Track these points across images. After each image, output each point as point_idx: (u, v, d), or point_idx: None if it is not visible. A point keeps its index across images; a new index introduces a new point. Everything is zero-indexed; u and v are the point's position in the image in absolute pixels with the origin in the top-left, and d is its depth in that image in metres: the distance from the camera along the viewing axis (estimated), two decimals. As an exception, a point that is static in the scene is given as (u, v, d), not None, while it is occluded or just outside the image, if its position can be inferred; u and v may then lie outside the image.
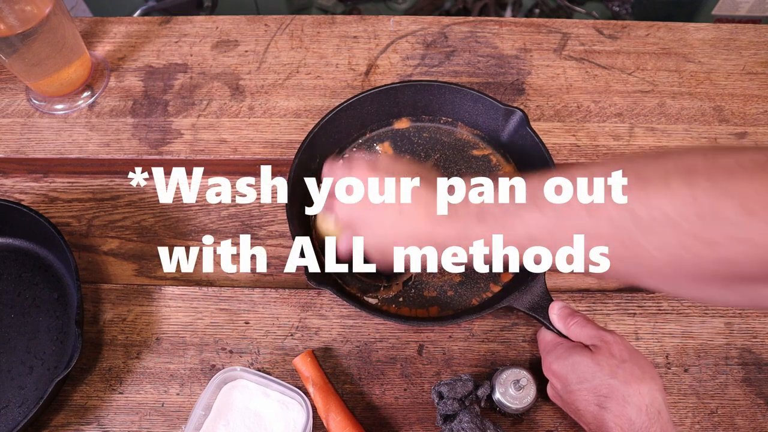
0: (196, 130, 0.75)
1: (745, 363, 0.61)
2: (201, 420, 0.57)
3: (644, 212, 0.36)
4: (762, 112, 0.75)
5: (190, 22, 0.84)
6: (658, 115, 0.75)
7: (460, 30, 0.82)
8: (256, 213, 0.71)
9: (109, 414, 0.60)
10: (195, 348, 0.62)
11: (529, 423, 0.59)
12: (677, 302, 0.63)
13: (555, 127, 0.74)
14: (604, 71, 0.79)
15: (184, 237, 0.69)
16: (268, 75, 0.79)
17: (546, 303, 0.57)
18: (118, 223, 0.70)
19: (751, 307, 0.62)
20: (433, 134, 0.72)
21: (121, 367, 0.62)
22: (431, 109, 0.71)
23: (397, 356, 0.62)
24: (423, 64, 0.80)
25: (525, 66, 0.79)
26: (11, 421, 0.59)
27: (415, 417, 0.59)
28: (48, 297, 0.65)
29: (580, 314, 0.55)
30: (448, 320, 0.62)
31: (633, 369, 0.49)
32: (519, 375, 0.56)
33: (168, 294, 0.65)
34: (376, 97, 0.69)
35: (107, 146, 0.74)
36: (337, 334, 0.63)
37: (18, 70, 0.72)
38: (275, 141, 0.74)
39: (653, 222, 0.36)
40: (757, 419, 0.58)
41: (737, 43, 0.81)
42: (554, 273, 0.66)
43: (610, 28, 0.82)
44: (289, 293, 0.65)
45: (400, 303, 0.63)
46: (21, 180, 0.73)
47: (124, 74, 0.80)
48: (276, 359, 0.62)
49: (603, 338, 0.52)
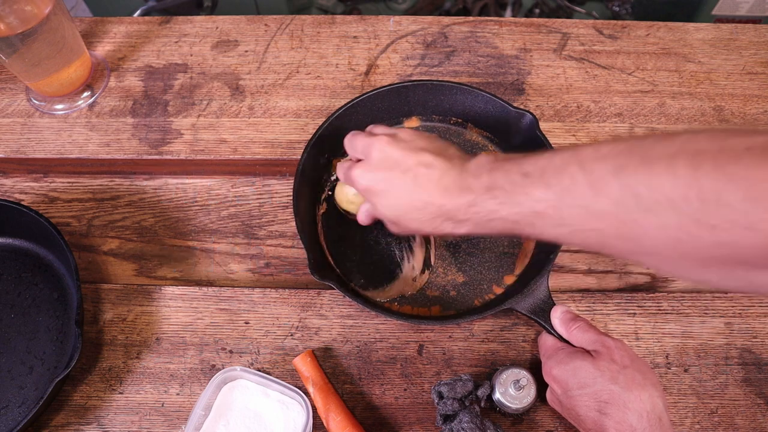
0: (196, 130, 0.75)
1: (745, 363, 0.61)
2: (201, 420, 0.57)
3: (646, 193, 0.36)
4: (762, 112, 0.75)
5: (190, 22, 0.84)
6: (658, 115, 0.75)
7: (460, 30, 0.82)
8: (256, 213, 0.71)
9: (109, 414, 0.60)
10: (195, 348, 0.62)
11: (529, 423, 0.59)
12: (677, 302, 0.64)
13: (555, 127, 0.74)
14: (604, 71, 0.79)
15: (184, 237, 0.69)
16: (268, 75, 0.79)
17: (548, 307, 0.57)
18: (118, 223, 0.70)
19: (750, 293, 0.62)
20: (442, 134, 0.72)
21: (121, 367, 0.62)
22: (441, 109, 0.71)
23: (397, 356, 0.62)
24: (423, 64, 0.80)
25: (525, 66, 0.79)
26: (11, 421, 0.59)
27: (415, 417, 0.59)
28: (48, 297, 0.65)
29: (583, 319, 0.55)
30: (448, 320, 0.62)
31: (634, 375, 0.49)
32: (519, 375, 0.56)
33: (168, 294, 0.65)
34: (387, 95, 0.69)
35: (107, 146, 0.74)
36: (337, 334, 0.63)
37: (18, 70, 0.72)
38: (275, 141, 0.74)
39: (654, 203, 0.36)
40: (757, 419, 0.58)
41: (737, 43, 0.81)
42: (554, 273, 0.66)
43: (610, 28, 0.82)
44: (289, 293, 0.65)
45: (402, 301, 0.63)
46: (21, 180, 0.73)
47: (124, 74, 0.80)
48: (276, 359, 0.62)
49: (604, 343, 0.52)
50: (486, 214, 0.46)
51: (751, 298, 0.64)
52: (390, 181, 0.50)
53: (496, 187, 0.45)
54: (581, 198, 0.40)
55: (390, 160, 0.50)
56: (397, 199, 0.50)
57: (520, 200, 0.43)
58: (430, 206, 0.48)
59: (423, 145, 0.50)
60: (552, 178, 0.41)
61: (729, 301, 0.64)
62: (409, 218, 0.50)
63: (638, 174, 0.37)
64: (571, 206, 0.40)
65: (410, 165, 0.49)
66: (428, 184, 0.48)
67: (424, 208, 0.49)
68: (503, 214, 0.44)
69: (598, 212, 0.39)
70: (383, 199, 0.51)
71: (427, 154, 0.49)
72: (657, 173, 0.36)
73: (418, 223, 0.50)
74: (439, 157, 0.49)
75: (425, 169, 0.49)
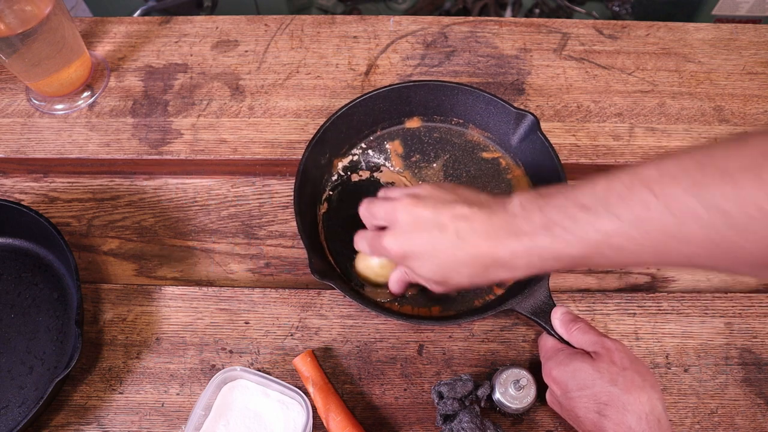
0: (196, 130, 0.75)
1: (745, 363, 0.61)
2: (201, 420, 0.57)
3: (736, 209, 0.34)
4: (762, 112, 0.75)
5: (190, 22, 0.84)
6: (658, 115, 0.75)
7: (460, 30, 0.82)
8: (256, 213, 0.71)
9: (109, 414, 0.60)
10: (195, 348, 0.62)
11: (529, 423, 0.59)
12: (677, 302, 0.64)
13: (555, 127, 0.74)
14: (604, 71, 0.79)
15: (184, 237, 0.69)
16: (268, 75, 0.79)
17: (548, 308, 0.57)
18: (118, 223, 0.70)
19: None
20: (443, 135, 0.72)
21: (121, 367, 0.62)
22: (443, 109, 0.71)
23: (397, 356, 0.62)
24: (423, 64, 0.80)
25: (525, 66, 0.79)
26: (11, 421, 0.59)
27: (415, 417, 0.59)
28: (48, 297, 0.65)
29: (583, 320, 0.55)
30: (448, 320, 0.62)
31: (633, 377, 0.49)
32: (519, 375, 0.56)
33: (168, 294, 0.65)
34: (389, 96, 0.69)
35: (107, 146, 0.74)
36: (337, 334, 0.63)
37: (18, 70, 0.72)
38: (275, 141, 0.74)
39: (748, 219, 0.34)
40: (757, 419, 0.58)
41: (737, 43, 0.81)
42: (554, 273, 0.66)
43: (610, 28, 0.82)
44: (289, 293, 0.65)
45: (403, 301, 0.63)
46: (21, 180, 0.73)
47: (124, 74, 0.80)
48: (276, 359, 0.62)
49: (604, 345, 0.52)
50: (547, 254, 0.43)
51: (751, 298, 0.64)
52: (429, 242, 0.47)
53: (554, 225, 0.42)
54: (660, 224, 0.37)
55: (421, 220, 0.48)
56: (441, 259, 0.48)
57: (586, 234, 0.41)
58: (481, 258, 0.46)
59: (451, 198, 0.48)
60: (618, 207, 0.39)
61: (729, 301, 0.64)
62: (457, 275, 0.48)
63: (722, 190, 0.34)
64: (650, 234, 0.38)
65: (446, 221, 0.47)
66: (473, 236, 0.46)
67: (473, 262, 0.46)
68: (569, 251, 0.42)
69: (685, 237, 0.37)
70: (425, 262, 0.48)
71: (459, 206, 0.47)
72: (743, 186, 0.34)
73: (468, 278, 0.48)
74: (474, 207, 0.47)
75: (465, 221, 0.46)
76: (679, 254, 0.38)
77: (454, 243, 0.46)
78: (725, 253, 0.36)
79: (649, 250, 0.39)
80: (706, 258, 0.37)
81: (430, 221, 0.48)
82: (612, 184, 0.40)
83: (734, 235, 0.35)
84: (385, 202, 0.51)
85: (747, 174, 0.34)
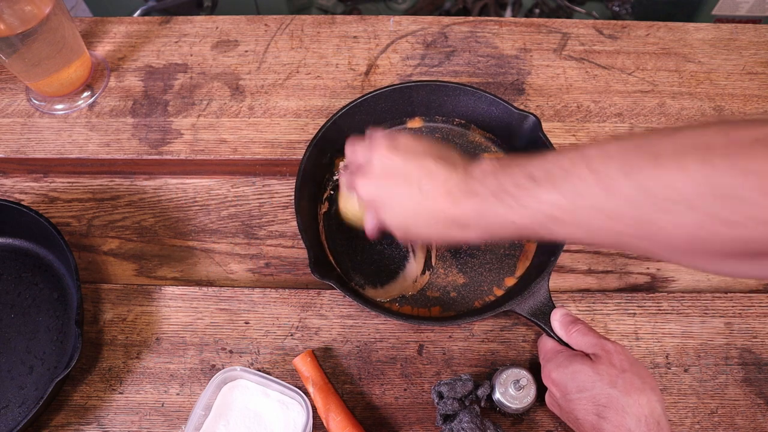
0: (196, 130, 0.75)
1: (745, 363, 0.61)
2: (201, 420, 0.57)
3: (660, 191, 0.36)
4: (762, 112, 0.75)
5: (190, 22, 0.84)
6: (658, 115, 0.75)
7: (460, 30, 0.82)
8: (256, 213, 0.71)
9: (109, 414, 0.60)
10: (195, 348, 0.62)
11: (529, 423, 0.59)
12: (677, 302, 0.64)
13: (555, 127, 0.74)
14: (604, 71, 0.78)
15: (184, 237, 0.69)
16: (268, 75, 0.79)
17: (548, 309, 0.57)
18: (118, 223, 0.70)
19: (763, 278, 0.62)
20: (445, 135, 0.72)
21: (121, 367, 0.62)
22: (445, 109, 0.71)
23: (397, 356, 0.62)
24: (423, 64, 0.80)
25: (525, 66, 0.79)
26: (11, 421, 0.59)
27: (415, 417, 0.59)
28: (48, 297, 0.65)
29: (582, 322, 0.55)
30: (448, 321, 0.62)
31: (633, 379, 0.49)
32: (519, 375, 0.56)
33: (168, 294, 0.65)
34: (390, 96, 0.69)
35: (107, 146, 0.74)
36: (337, 334, 0.63)
37: (18, 70, 0.72)
38: (275, 141, 0.74)
39: (669, 202, 0.35)
40: (757, 419, 0.58)
41: (737, 43, 0.81)
42: (554, 273, 0.66)
43: (610, 28, 0.82)
44: (289, 293, 0.65)
45: (403, 301, 0.63)
46: (21, 180, 0.73)
47: (124, 74, 0.80)
48: (276, 359, 0.62)
49: (604, 347, 0.52)
50: (495, 219, 0.45)
51: (751, 298, 0.64)
52: (394, 191, 0.49)
53: (503, 192, 0.44)
54: (594, 200, 0.39)
55: (391, 168, 0.49)
56: (403, 209, 0.50)
57: (529, 204, 0.42)
58: (437, 213, 0.48)
59: (423, 151, 0.50)
60: (560, 180, 0.41)
61: (729, 301, 0.64)
62: (416, 227, 0.50)
63: (650, 172, 0.36)
64: (584, 208, 0.40)
65: (413, 173, 0.48)
66: (433, 191, 0.48)
67: (430, 215, 0.48)
68: (513, 218, 0.44)
69: (613, 213, 0.39)
70: (389, 209, 0.50)
71: (428, 161, 0.49)
72: (669, 171, 0.35)
73: (425, 231, 0.50)
74: (441, 163, 0.48)
75: (428, 176, 0.48)
76: (609, 231, 0.40)
77: (416, 196, 0.48)
78: (649, 234, 0.38)
79: (583, 225, 0.41)
80: (633, 236, 0.39)
81: (399, 171, 0.49)
82: (560, 159, 0.42)
83: (657, 216, 0.36)
84: (366, 144, 0.52)
85: (672, 159, 0.35)
